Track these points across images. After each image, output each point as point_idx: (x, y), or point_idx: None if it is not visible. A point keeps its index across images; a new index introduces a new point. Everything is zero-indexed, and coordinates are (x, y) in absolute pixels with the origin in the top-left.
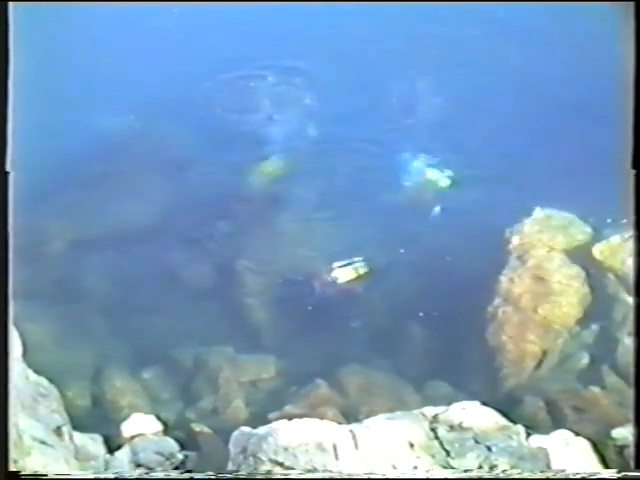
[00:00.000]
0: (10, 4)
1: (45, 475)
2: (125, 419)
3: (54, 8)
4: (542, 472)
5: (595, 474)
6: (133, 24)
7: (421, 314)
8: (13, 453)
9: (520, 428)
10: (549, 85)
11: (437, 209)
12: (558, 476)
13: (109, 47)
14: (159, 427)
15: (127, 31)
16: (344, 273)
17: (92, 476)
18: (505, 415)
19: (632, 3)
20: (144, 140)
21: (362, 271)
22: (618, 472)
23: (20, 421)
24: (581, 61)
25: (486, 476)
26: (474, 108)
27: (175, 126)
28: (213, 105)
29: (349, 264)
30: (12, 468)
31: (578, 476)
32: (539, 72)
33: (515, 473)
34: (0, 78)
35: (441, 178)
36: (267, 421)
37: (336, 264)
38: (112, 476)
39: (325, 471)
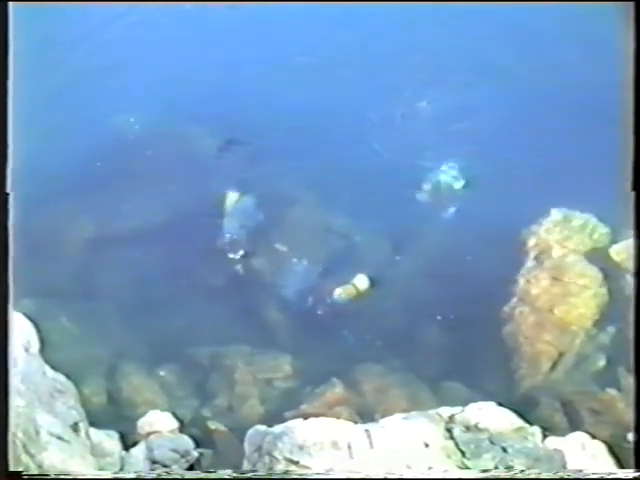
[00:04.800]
0: (10, 4)
1: (47, 475)
2: (141, 416)
3: (60, 7)
4: (560, 472)
5: (612, 474)
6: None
7: (439, 317)
8: (31, 448)
9: (536, 429)
10: (560, 87)
11: (452, 210)
12: (575, 476)
13: (119, 46)
14: (175, 424)
15: (135, 31)
16: (344, 291)
17: (93, 476)
18: (521, 416)
19: (632, 3)
20: (161, 139)
21: (362, 287)
22: (635, 471)
23: (37, 416)
24: (589, 60)
25: (503, 476)
26: (490, 111)
27: (190, 126)
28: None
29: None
30: (12, 468)
31: (596, 476)
32: (550, 74)
33: (533, 474)
34: (0, 78)
35: (457, 180)
36: (282, 420)
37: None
38: (112, 476)
39: (343, 471)
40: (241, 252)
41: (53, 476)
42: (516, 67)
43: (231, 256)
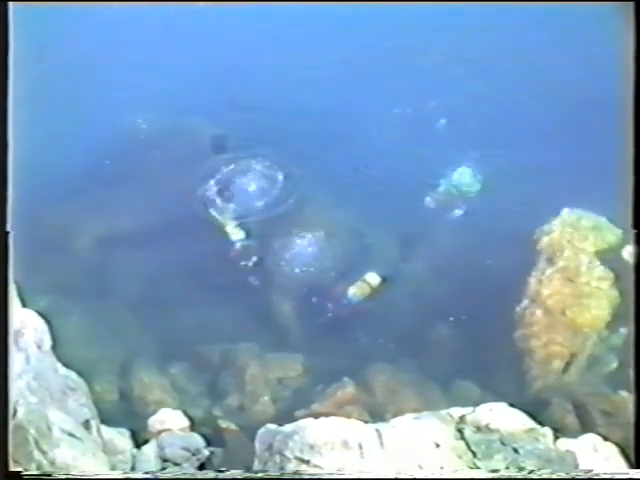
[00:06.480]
0: (10, 4)
1: (48, 475)
2: (152, 414)
3: (66, 6)
4: (572, 473)
5: (625, 474)
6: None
7: (451, 318)
8: (43, 445)
9: (548, 431)
10: (569, 86)
11: (464, 210)
12: (587, 476)
13: (128, 46)
14: (186, 423)
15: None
16: (358, 289)
17: (94, 476)
18: (532, 417)
19: (632, 3)
20: (170, 137)
21: (375, 283)
22: None
23: (49, 413)
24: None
25: (514, 476)
26: (497, 110)
27: (199, 123)
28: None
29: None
30: (24, 464)
31: (608, 477)
32: (559, 72)
33: (545, 474)
34: (0, 78)
35: (469, 180)
36: (293, 419)
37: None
38: (117, 476)
39: (354, 471)
40: (254, 259)
41: (56, 476)
42: (527, 69)
43: (243, 263)
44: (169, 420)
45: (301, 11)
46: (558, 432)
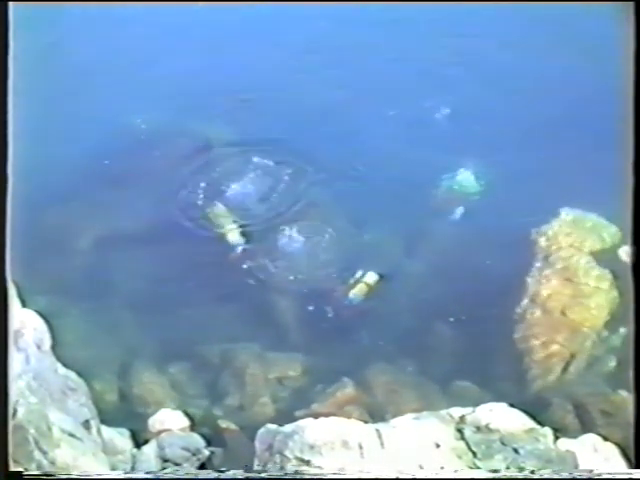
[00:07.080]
0: (10, 4)
1: (51, 475)
2: (152, 414)
3: (65, 7)
4: (572, 473)
5: (626, 474)
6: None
7: (451, 319)
8: (44, 445)
9: (548, 431)
10: (568, 86)
11: (464, 211)
12: (588, 476)
13: (126, 46)
14: (186, 423)
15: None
16: (356, 289)
17: (95, 476)
18: (532, 417)
19: (632, 3)
20: (170, 137)
21: (372, 282)
22: None
23: (50, 413)
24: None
25: (515, 476)
26: (497, 110)
27: (198, 123)
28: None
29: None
30: (24, 464)
31: (609, 476)
32: (558, 73)
33: (547, 474)
34: (0, 78)
35: (470, 181)
36: (293, 419)
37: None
38: (118, 476)
39: (355, 471)
40: (253, 260)
41: (57, 476)
42: (527, 71)
43: (245, 266)
44: (169, 420)
45: (300, 11)
46: (558, 432)
